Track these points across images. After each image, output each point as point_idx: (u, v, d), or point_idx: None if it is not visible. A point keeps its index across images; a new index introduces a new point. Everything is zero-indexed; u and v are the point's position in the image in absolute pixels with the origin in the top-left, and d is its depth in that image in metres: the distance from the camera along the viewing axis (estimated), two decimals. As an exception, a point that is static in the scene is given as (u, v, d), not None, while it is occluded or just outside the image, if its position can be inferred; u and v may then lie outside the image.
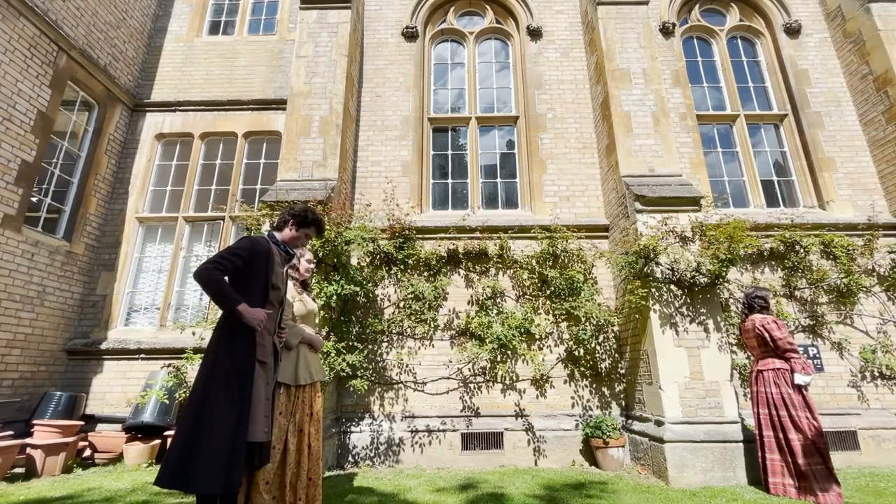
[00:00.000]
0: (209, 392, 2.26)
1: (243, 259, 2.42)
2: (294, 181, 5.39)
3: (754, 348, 4.00)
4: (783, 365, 3.76)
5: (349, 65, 6.11)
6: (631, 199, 5.08)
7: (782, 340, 3.76)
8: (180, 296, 6.20)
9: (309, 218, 2.75)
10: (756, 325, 3.92)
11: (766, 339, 3.83)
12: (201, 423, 2.21)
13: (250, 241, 2.51)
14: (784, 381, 3.71)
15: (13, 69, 5.07)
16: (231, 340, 2.34)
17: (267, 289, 2.51)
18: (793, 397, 3.65)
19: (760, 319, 3.92)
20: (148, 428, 5.04)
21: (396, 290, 5.52)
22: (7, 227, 4.94)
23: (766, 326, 3.84)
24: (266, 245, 2.57)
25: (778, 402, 3.70)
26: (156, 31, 7.41)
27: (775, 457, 3.67)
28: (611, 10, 6.20)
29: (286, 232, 2.74)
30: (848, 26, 6.57)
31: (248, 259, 2.44)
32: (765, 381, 3.82)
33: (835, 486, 3.43)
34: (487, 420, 5.08)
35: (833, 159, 6.18)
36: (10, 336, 4.97)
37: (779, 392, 3.71)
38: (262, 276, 2.48)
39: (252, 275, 2.46)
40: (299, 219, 2.73)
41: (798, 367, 3.67)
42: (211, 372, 2.30)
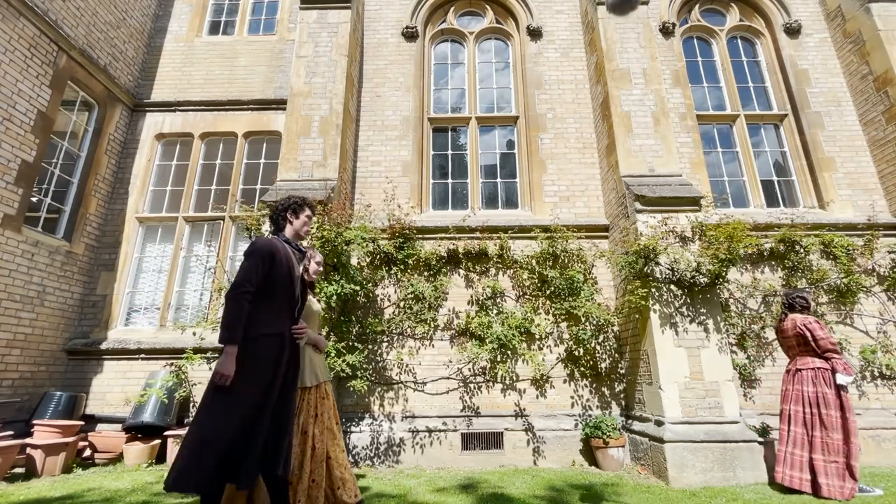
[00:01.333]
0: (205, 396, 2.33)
1: (266, 264, 2.45)
2: (294, 181, 5.39)
3: (792, 347, 4.04)
4: (823, 364, 3.81)
5: (349, 65, 6.11)
6: (631, 199, 5.08)
7: (824, 340, 3.81)
8: (180, 296, 6.20)
9: (295, 201, 2.78)
10: (797, 324, 3.96)
11: (807, 338, 3.88)
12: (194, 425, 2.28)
13: (269, 243, 2.52)
14: (822, 381, 3.77)
15: (13, 69, 5.07)
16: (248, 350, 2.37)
17: (292, 289, 2.57)
18: (828, 397, 3.71)
19: (802, 319, 3.96)
20: (148, 428, 5.04)
21: (396, 290, 5.52)
22: (7, 227, 4.94)
23: (809, 326, 3.89)
24: (283, 246, 2.60)
25: (813, 400, 3.76)
26: (156, 31, 7.41)
27: (797, 451, 3.73)
28: (611, 10, 6.20)
29: (289, 228, 2.77)
30: (848, 26, 6.57)
31: (270, 263, 2.47)
32: (802, 379, 3.86)
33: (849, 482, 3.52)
34: (487, 420, 5.08)
35: (833, 159, 6.18)
36: (10, 336, 4.97)
37: (815, 391, 3.77)
38: (286, 277, 2.53)
39: (276, 277, 2.49)
40: (291, 208, 2.76)
41: (840, 368, 3.73)
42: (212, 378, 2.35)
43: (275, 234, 2.78)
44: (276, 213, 2.77)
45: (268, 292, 2.45)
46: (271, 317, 2.47)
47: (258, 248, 2.48)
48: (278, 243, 2.59)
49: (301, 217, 2.78)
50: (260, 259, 2.44)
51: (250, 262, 2.44)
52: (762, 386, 5.14)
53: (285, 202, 2.78)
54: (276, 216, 2.77)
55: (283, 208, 2.77)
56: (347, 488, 2.77)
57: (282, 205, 2.77)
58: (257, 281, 2.40)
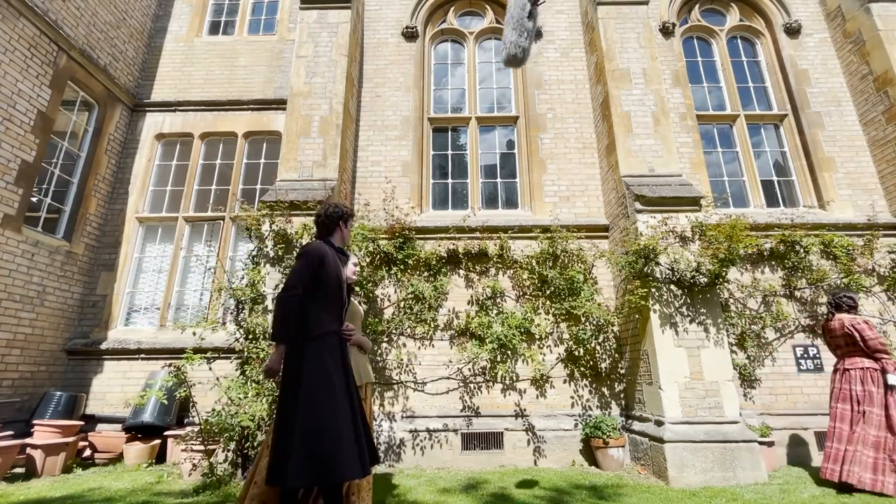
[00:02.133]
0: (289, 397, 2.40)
1: (314, 268, 2.50)
2: (294, 181, 5.39)
3: (840, 346, 4.09)
4: (872, 364, 3.86)
5: (349, 65, 6.11)
6: (631, 199, 5.08)
7: (874, 341, 3.86)
8: (180, 296, 6.20)
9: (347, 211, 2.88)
10: (845, 324, 4.00)
11: (855, 338, 3.92)
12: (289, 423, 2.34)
13: (320, 247, 2.60)
14: (871, 380, 3.83)
15: (13, 69, 5.07)
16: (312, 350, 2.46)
17: (341, 291, 2.63)
18: (875, 396, 3.77)
19: (850, 319, 4.01)
20: (148, 428, 5.04)
21: (396, 291, 5.52)
22: (7, 227, 4.94)
23: (857, 326, 3.94)
24: (331, 250, 2.66)
25: (862, 398, 3.82)
26: (156, 31, 7.41)
27: (842, 447, 3.79)
28: (611, 10, 6.20)
29: (338, 235, 2.83)
30: (848, 26, 6.57)
31: (320, 266, 2.53)
32: (851, 378, 3.93)
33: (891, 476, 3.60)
34: (487, 420, 5.08)
35: (833, 159, 6.18)
36: (10, 336, 4.97)
37: (863, 390, 3.83)
38: (334, 280, 2.58)
39: (326, 280, 2.54)
40: (344, 217, 2.84)
41: (890, 368, 3.79)
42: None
43: (320, 237, 2.82)
44: (328, 219, 2.81)
45: (320, 294, 2.51)
46: (327, 317, 2.53)
47: (309, 251, 2.55)
48: (327, 247, 2.65)
49: (349, 227, 2.91)
50: (310, 262, 2.50)
51: (301, 264, 2.50)
52: (762, 386, 5.14)
53: (339, 210, 2.84)
54: (329, 222, 2.81)
55: (336, 216, 2.82)
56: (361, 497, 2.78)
57: (336, 212, 2.82)
58: (307, 283, 2.46)
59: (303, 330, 2.44)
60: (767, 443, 4.50)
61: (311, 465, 2.22)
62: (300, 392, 2.33)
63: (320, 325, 2.48)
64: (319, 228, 2.84)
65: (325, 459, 2.23)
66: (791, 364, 5.24)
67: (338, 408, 2.36)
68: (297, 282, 2.44)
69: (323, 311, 2.51)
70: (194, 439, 4.25)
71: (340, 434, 2.31)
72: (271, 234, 4.93)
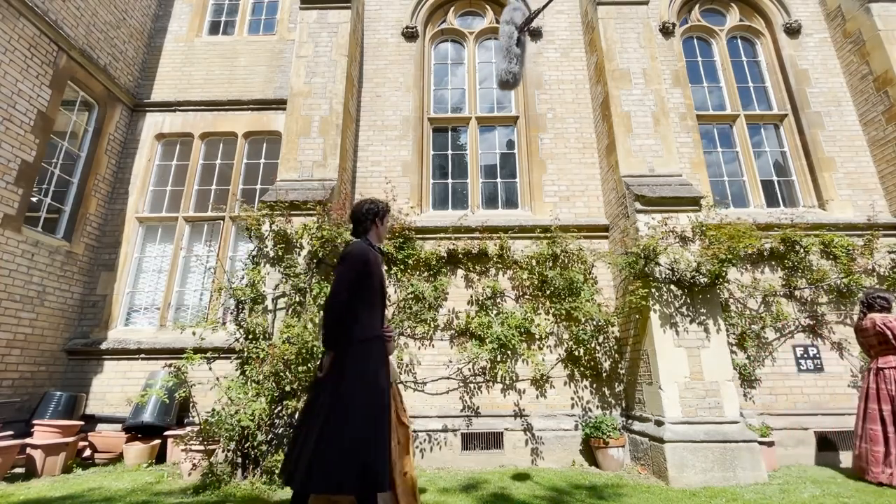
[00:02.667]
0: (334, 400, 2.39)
1: (357, 270, 2.50)
2: (294, 181, 5.39)
3: (873, 346, 4.10)
4: None
5: (349, 65, 6.11)
6: (631, 199, 5.08)
7: None
8: (180, 296, 6.20)
9: (383, 207, 2.83)
10: (877, 323, 4.02)
11: (888, 336, 3.95)
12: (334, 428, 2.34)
13: (363, 250, 2.58)
14: None
15: (13, 69, 5.07)
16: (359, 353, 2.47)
17: (383, 291, 2.66)
18: None
19: (881, 318, 4.03)
20: (148, 428, 5.04)
21: (396, 291, 5.52)
22: (7, 227, 4.94)
23: (889, 325, 3.97)
24: (373, 251, 2.66)
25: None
26: (156, 31, 7.41)
27: (879, 448, 3.81)
28: (611, 10, 6.20)
29: (374, 232, 2.79)
30: (848, 26, 6.57)
31: (364, 268, 2.52)
32: (885, 378, 3.94)
33: None
34: (487, 420, 5.08)
35: (833, 159, 6.18)
36: (10, 336, 4.97)
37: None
38: (376, 281, 2.58)
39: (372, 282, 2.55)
40: (380, 214, 2.80)
41: None
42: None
43: (357, 236, 2.79)
44: (363, 216, 2.77)
45: (366, 296, 2.52)
46: (374, 319, 2.55)
47: (352, 254, 2.53)
48: (367, 247, 2.64)
49: (385, 221, 2.85)
50: (353, 265, 2.49)
51: (345, 268, 2.49)
52: (762, 386, 5.14)
53: (374, 207, 2.80)
54: (364, 219, 2.77)
55: (372, 213, 2.77)
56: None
57: (370, 209, 2.78)
58: (352, 286, 2.45)
59: (349, 334, 2.44)
60: (767, 443, 4.50)
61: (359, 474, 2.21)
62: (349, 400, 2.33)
63: (366, 328, 2.48)
64: (355, 226, 2.80)
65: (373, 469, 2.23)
66: (791, 364, 5.24)
67: (385, 417, 2.38)
68: (344, 287, 2.44)
69: (368, 314, 2.52)
70: (194, 439, 4.25)
71: (386, 444, 2.32)
72: (271, 234, 4.93)
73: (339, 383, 2.37)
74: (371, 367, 2.44)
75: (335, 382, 2.39)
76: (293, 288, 4.69)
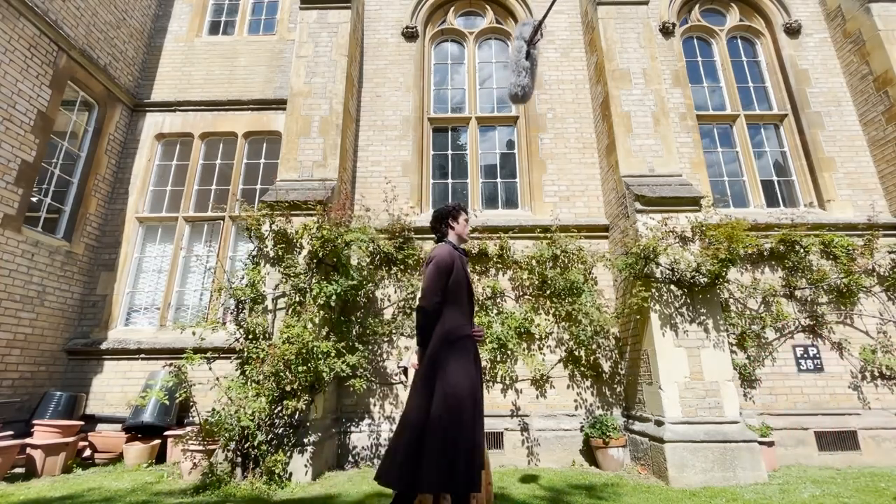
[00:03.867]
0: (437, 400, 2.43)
1: (443, 272, 2.58)
2: (294, 181, 5.39)
3: None
4: None
5: (349, 65, 6.11)
6: (631, 199, 5.08)
7: None
8: (180, 296, 6.20)
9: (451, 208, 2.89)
10: None
11: None
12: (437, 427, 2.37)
13: (448, 253, 2.67)
14: None
15: (13, 69, 5.07)
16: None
17: (470, 292, 2.73)
18: None
19: None
20: (148, 428, 5.04)
21: (396, 291, 5.52)
22: (7, 227, 4.94)
23: None
24: (457, 253, 2.74)
25: None
26: (156, 31, 7.41)
27: None
28: (611, 10, 6.20)
29: (451, 233, 2.87)
30: (848, 26, 6.57)
31: (450, 271, 2.60)
32: None
33: None
34: (487, 420, 5.00)
35: (833, 159, 6.18)
36: (10, 336, 4.97)
37: None
38: (463, 281, 2.67)
39: (458, 283, 2.63)
40: (451, 215, 2.86)
41: None
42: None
43: (441, 241, 2.88)
44: (436, 223, 2.89)
45: (454, 298, 2.59)
46: (462, 320, 2.61)
47: (437, 256, 2.62)
48: (450, 249, 2.72)
49: (460, 221, 2.88)
50: (439, 268, 2.57)
51: (432, 271, 2.56)
52: (762, 386, 5.14)
53: (444, 209, 2.89)
54: (438, 224, 2.89)
55: (442, 217, 2.88)
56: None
57: (441, 212, 2.89)
58: (440, 289, 2.53)
59: (441, 335, 2.50)
60: (767, 443, 4.50)
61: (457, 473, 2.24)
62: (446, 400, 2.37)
63: (457, 329, 2.55)
64: (435, 232, 2.91)
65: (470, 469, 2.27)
66: (791, 364, 5.24)
67: (480, 418, 2.43)
68: (433, 290, 2.51)
69: (458, 315, 2.58)
70: (194, 439, 4.25)
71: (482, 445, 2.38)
72: (271, 234, 4.92)
73: (433, 384, 2.41)
74: (464, 368, 2.48)
75: (428, 383, 2.43)
76: (293, 288, 4.69)
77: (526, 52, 3.70)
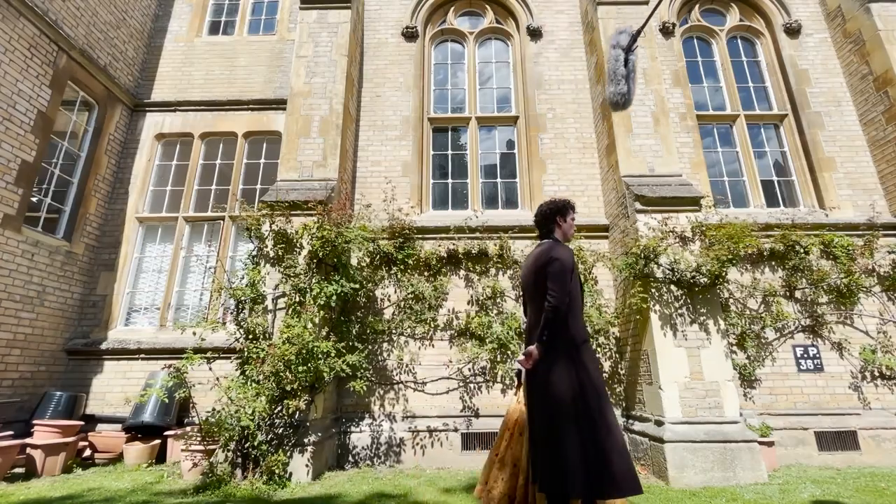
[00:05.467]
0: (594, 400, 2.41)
1: (569, 273, 2.54)
2: (294, 181, 5.39)
3: None
4: None
5: (349, 65, 6.11)
6: (631, 199, 5.08)
7: None
8: (180, 296, 6.20)
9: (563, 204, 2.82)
10: None
11: None
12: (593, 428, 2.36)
13: (570, 254, 2.63)
14: None
15: (13, 69, 5.06)
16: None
17: (582, 288, 2.73)
18: None
19: None
20: (148, 428, 5.04)
21: (396, 291, 5.52)
22: (7, 227, 4.94)
23: None
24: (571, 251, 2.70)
25: None
26: (156, 31, 7.41)
27: None
28: (611, 9, 6.20)
29: (558, 231, 2.79)
30: (848, 26, 6.57)
31: (571, 272, 2.57)
32: None
33: None
34: (487, 420, 5.07)
35: (833, 159, 6.18)
36: (10, 336, 4.97)
37: None
38: (577, 279, 2.66)
39: (576, 283, 2.62)
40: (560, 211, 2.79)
41: None
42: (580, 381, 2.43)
43: (545, 238, 2.80)
44: (543, 218, 2.80)
45: (576, 299, 2.58)
46: (582, 322, 2.62)
47: (562, 257, 2.55)
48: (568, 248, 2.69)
49: (568, 219, 2.81)
50: (565, 268, 2.53)
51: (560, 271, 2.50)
52: (762, 386, 5.14)
53: (553, 205, 2.80)
54: (545, 220, 2.79)
55: (551, 212, 2.78)
56: None
57: (549, 209, 2.80)
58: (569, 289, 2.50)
59: (568, 337, 2.47)
60: (767, 443, 4.50)
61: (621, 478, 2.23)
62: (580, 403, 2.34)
63: (580, 330, 2.54)
64: (540, 229, 2.83)
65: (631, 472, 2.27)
66: (791, 364, 5.24)
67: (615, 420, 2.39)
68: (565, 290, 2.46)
69: (579, 316, 2.57)
70: (194, 439, 4.25)
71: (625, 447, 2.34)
72: (271, 234, 4.92)
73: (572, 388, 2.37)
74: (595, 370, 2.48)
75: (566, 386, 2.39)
76: (293, 288, 4.69)
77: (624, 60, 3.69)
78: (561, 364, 2.42)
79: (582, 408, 2.34)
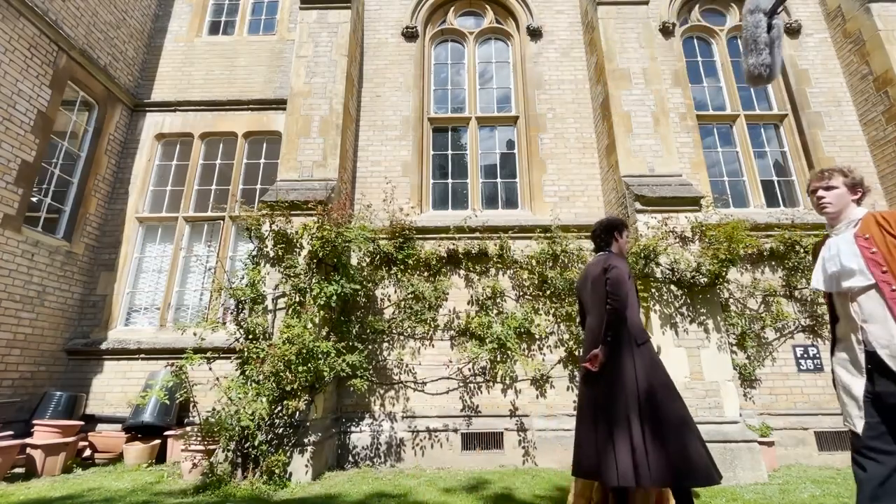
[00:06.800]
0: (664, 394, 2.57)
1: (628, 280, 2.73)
2: (294, 181, 5.39)
3: None
4: None
5: (349, 65, 6.11)
6: (631, 200, 5.08)
7: None
8: (180, 296, 6.20)
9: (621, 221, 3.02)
10: None
11: None
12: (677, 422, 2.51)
13: (625, 263, 2.83)
14: None
15: (13, 69, 5.07)
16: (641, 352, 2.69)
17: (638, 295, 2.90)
18: None
19: None
20: (148, 428, 5.04)
21: (396, 291, 5.52)
22: (7, 227, 4.94)
23: None
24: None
25: None
26: (156, 31, 7.41)
27: None
28: (611, 10, 6.20)
29: (615, 245, 2.97)
30: (848, 26, 6.57)
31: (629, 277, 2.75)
32: None
33: None
34: (487, 420, 5.07)
35: (833, 159, 6.18)
36: (10, 336, 4.97)
37: None
38: (634, 286, 2.83)
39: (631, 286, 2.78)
40: (618, 228, 2.97)
41: None
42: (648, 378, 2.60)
43: (601, 251, 2.99)
44: (604, 230, 2.97)
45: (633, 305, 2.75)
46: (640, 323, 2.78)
47: (622, 269, 2.74)
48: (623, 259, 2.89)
49: (625, 235, 3.00)
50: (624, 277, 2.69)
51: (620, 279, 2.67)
52: (762, 386, 5.14)
53: (614, 221, 2.99)
54: (605, 232, 2.97)
55: (612, 226, 2.97)
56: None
57: (610, 223, 2.98)
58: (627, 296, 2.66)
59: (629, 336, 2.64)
60: (767, 443, 4.50)
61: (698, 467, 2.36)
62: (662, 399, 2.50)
63: (642, 331, 2.71)
64: (597, 242, 3.00)
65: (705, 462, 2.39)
66: (791, 364, 5.24)
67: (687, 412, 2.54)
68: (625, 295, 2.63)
69: (637, 319, 2.75)
70: (194, 439, 4.25)
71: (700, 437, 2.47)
72: (271, 234, 4.93)
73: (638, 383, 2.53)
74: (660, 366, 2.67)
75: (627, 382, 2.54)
76: (293, 288, 4.69)
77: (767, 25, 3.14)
78: (626, 361, 2.58)
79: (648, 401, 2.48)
